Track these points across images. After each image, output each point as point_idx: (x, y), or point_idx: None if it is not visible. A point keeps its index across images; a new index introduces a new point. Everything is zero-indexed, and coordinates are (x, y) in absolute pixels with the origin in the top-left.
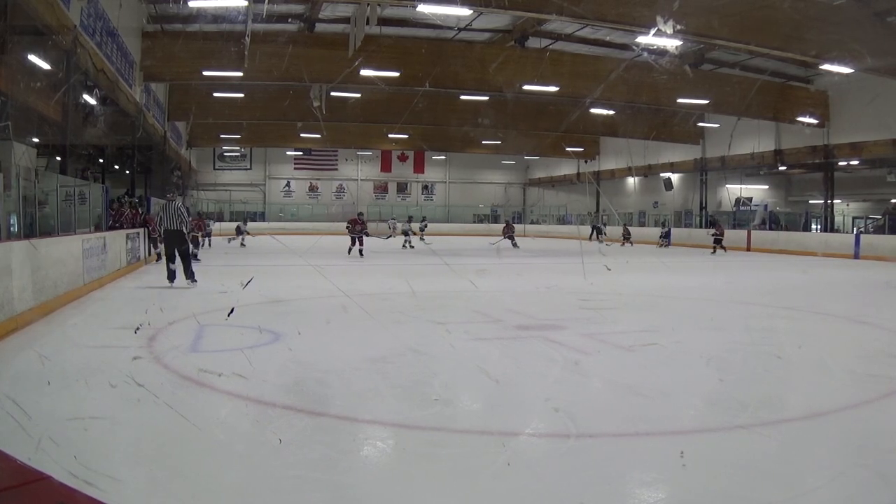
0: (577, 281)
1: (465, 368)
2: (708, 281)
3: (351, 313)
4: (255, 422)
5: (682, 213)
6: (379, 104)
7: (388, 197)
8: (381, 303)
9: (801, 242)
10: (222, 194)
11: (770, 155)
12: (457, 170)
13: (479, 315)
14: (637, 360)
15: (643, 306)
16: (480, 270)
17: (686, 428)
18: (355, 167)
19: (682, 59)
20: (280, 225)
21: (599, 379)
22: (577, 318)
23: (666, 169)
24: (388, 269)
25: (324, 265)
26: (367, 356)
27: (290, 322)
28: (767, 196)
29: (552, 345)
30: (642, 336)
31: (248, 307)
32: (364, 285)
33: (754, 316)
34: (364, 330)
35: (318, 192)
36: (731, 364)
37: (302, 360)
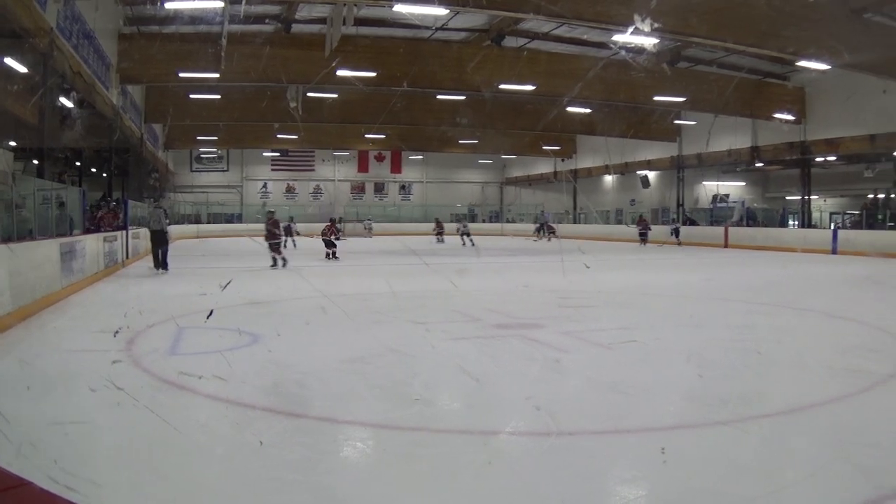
0: (557, 279)
1: (446, 368)
2: (687, 278)
3: (330, 314)
4: (234, 424)
5: (660, 211)
6: (356, 104)
7: (366, 197)
8: (361, 303)
9: (779, 238)
10: (199, 196)
11: (747, 152)
12: (434, 169)
13: (459, 314)
14: (617, 357)
15: (623, 304)
16: (460, 270)
17: (666, 424)
18: (332, 168)
19: (659, 56)
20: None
21: (579, 377)
22: (557, 316)
23: (643, 166)
24: (368, 270)
25: (302, 266)
26: (347, 357)
27: (270, 323)
28: (744, 193)
29: (531, 343)
30: (622, 334)
31: (228, 309)
32: (343, 286)
33: (733, 312)
34: (343, 331)
35: (296, 193)
36: (711, 360)
37: (281, 361)
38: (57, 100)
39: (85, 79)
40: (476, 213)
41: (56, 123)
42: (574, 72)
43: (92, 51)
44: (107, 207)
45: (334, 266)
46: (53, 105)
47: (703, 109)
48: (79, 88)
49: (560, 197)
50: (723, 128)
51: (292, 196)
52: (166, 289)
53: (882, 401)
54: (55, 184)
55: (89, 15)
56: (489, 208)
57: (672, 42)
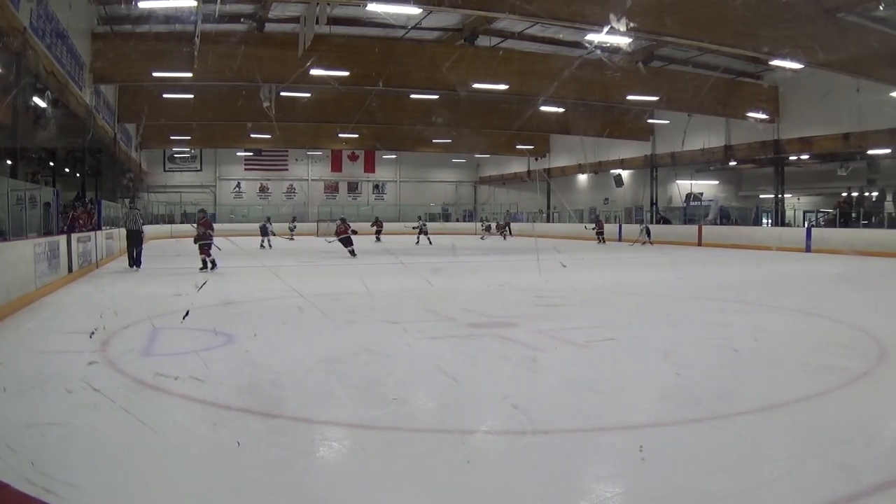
0: (532, 278)
1: (421, 367)
2: (661, 277)
3: (306, 314)
4: (211, 425)
5: (633, 210)
6: (329, 104)
7: (339, 197)
8: (336, 303)
9: (753, 237)
10: (172, 196)
11: (720, 150)
12: (408, 169)
13: (434, 314)
14: (592, 355)
15: (598, 302)
16: (436, 269)
17: (643, 422)
18: (306, 167)
19: (633, 55)
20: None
21: (555, 375)
22: (532, 315)
23: (616, 165)
24: (344, 269)
25: (278, 266)
26: (322, 357)
27: (245, 324)
28: (718, 191)
29: (507, 342)
30: (597, 332)
31: (203, 309)
32: (319, 286)
33: (709, 310)
34: (319, 330)
35: (269, 192)
36: (686, 358)
37: (257, 361)
38: (30, 100)
39: (58, 78)
40: (450, 213)
41: (29, 123)
42: (548, 71)
43: (65, 50)
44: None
45: (309, 266)
46: (27, 105)
47: (677, 109)
48: (52, 88)
49: (534, 196)
50: (697, 127)
51: (266, 196)
52: (141, 289)
53: (856, 397)
54: (28, 184)
55: (63, 14)
56: (463, 207)
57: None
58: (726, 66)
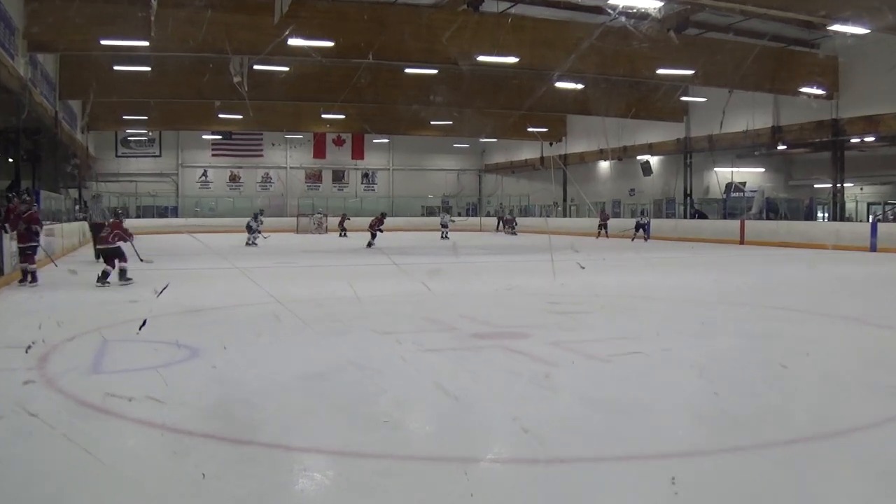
0: (545, 281)
1: (418, 384)
2: (696, 280)
3: (284, 323)
4: (171, 454)
5: (664, 202)
6: (311, 79)
7: (323, 187)
8: (319, 310)
9: (806, 233)
10: (127, 186)
11: (767, 132)
12: (402, 155)
13: (432, 322)
14: (616, 371)
15: (622, 309)
16: (433, 271)
17: (675, 450)
18: (283, 153)
19: (664, 23)
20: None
21: (573, 394)
22: (545, 324)
23: (644, 151)
24: (328, 271)
25: (252, 267)
26: (303, 372)
27: (213, 335)
28: (764, 180)
29: (517, 356)
30: (621, 344)
31: (164, 318)
32: (299, 290)
33: (752, 319)
34: (299, 342)
35: (241, 182)
36: (726, 375)
37: (227, 378)
38: None
39: None
40: (451, 205)
41: None
42: (564, 41)
43: None
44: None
45: (288, 267)
46: None
47: (716, 84)
48: None
49: (548, 186)
50: (739, 105)
51: (237, 186)
52: (90, 295)
53: None
54: None
55: None
56: (466, 199)
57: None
58: (775, 32)
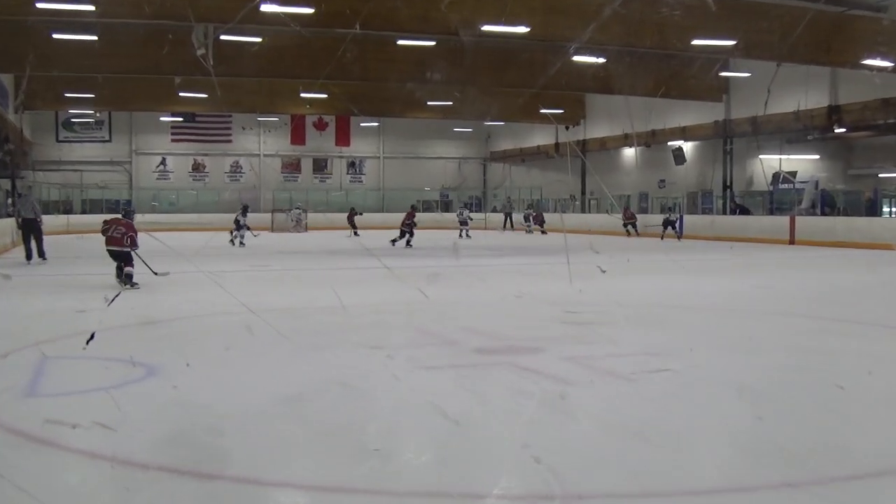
0: (560, 287)
1: (413, 407)
2: (737, 286)
3: (258, 336)
4: (122, 490)
5: (699, 195)
6: (288, 53)
7: (302, 178)
8: (299, 321)
9: (868, 231)
10: (70, 176)
11: (822, 113)
12: (394, 141)
13: (430, 335)
14: (642, 392)
15: (649, 320)
16: (431, 275)
17: (712, 485)
18: (256, 138)
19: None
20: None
21: (591, 418)
22: (560, 336)
23: (676, 136)
24: (308, 276)
25: (220, 272)
26: (280, 394)
27: (175, 350)
28: (818, 169)
29: (527, 374)
30: (649, 360)
31: (116, 331)
32: (275, 298)
33: (802, 332)
34: (275, 359)
35: (206, 171)
36: (771, 397)
37: (190, 401)
38: None
39: None
40: (450, 199)
41: None
42: (583, 8)
43: None
44: None
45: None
46: None
47: (761, 56)
48: None
49: (563, 177)
50: (788, 81)
51: (201, 176)
52: (27, 304)
53: None
54: None
55: None
56: (469, 192)
57: None
58: None
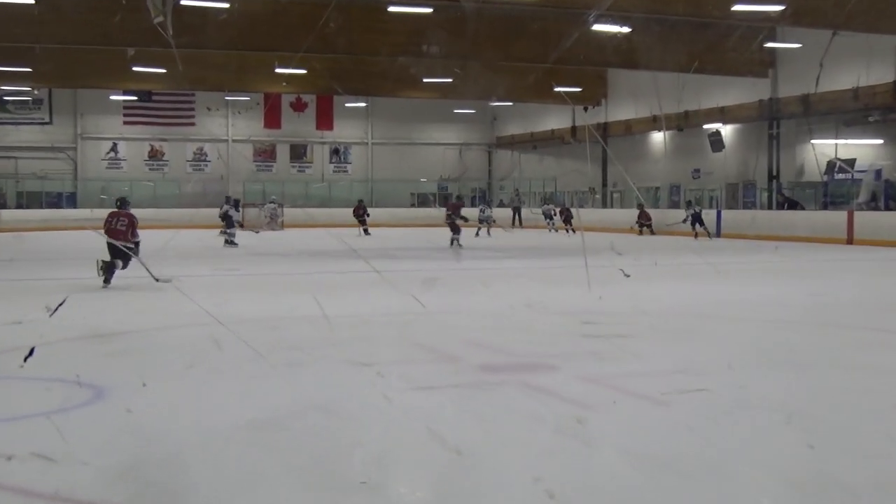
0: (577, 294)
1: (406, 433)
2: (784, 292)
3: (226, 352)
4: None
5: (740, 187)
6: (262, 21)
7: (277, 167)
8: (274, 334)
9: None
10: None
11: (886, 91)
12: (385, 125)
13: (426, 350)
14: (673, 416)
15: (680, 332)
16: (428, 280)
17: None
18: (224, 121)
19: None
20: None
21: (613, 447)
22: (577, 352)
23: (714, 118)
24: (285, 282)
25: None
26: (251, 419)
27: (129, 368)
28: (881, 156)
29: (539, 395)
30: (680, 379)
31: (60, 346)
32: (247, 307)
33: (861, 346)
34: (246, 378)
35: (165, 160)
36: (825, 423)
37: (145, 428)
38: None
39: None
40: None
41: None
42: None
43: None
44: None
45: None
46: None
47: (814, 24)
48: None
49: (581, 166)
50: (846, 53)
51: (159, 165)
52: None
53: None
54: None
55: None
56: (472, 184)
57: None
58: None
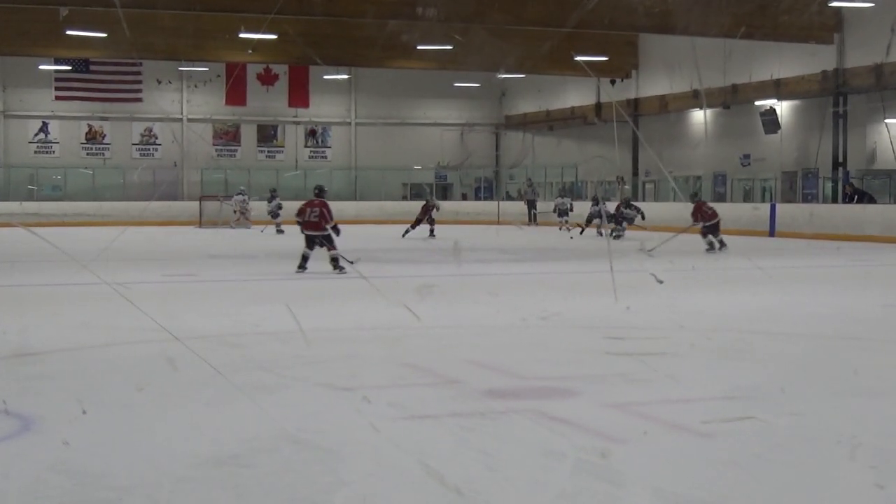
0: (602, 304)
1: (398, 470)
2: (848, 303)
3: (182, 372)
4: None
5: (799, 176)
6: None
7: (242, 152)
8: (238, 351)
9: None
10: None
11: None
12: (371, 101)
13: (420, 372)
14: (717, 450)
15: (725, 350)
16: (424, 288)
17: None
18: (178, 95)
19: None
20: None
21: (645, 488)
22: (601, 374)
23: (768, 94)
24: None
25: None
26: (209, 454)
27: (65, 393)
28: None
29: (555, 425)
30: (726, 406)
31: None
32: (207, 320)
33: None
34: (205, 404)
35: (106, 142)
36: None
37: (84, 466)
38: None
39: None
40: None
41: None
42: None
43: None
44: None
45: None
46: None
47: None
48: None
49: (608, 151)
50: None
51: (100, 149)
52: None
53: None
54: None
55: None
56: (475, 173)
57: None
58: None
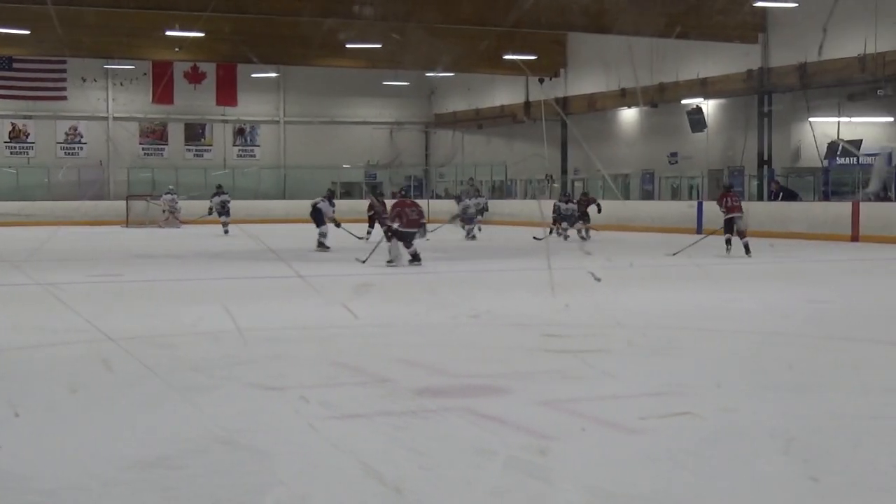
0: (538, 302)
1: (333, 470)
2: (778, 299)
3: (115, 373)
4: None
5: (725, 173)
6: None
7: (170, 151)
8: (170, 352)
9: None
10: None
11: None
12: (301, 100)
13: (353, 371)
14: (653, 446)
15: (660, 346)
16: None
17: None
18: (103, 94)
19: None
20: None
21: (580, 486)
22: (536, 371)
23: (694, 92)
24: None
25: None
26: (140, 456)
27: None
28: (891, 136)
29: (487, 423)
30: (659, 402)
31: None
32: (139, 320)
33: (873, 364)
34: (135, 405)
35: (30, 141)
36: (829, 452)
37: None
38: None
39: None
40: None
41: None
42: None
43: None
44: None
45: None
46: None
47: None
48: None
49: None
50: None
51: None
52: None
53: None
54: None
55: None
56: (406, 172)
57: None
58: None
